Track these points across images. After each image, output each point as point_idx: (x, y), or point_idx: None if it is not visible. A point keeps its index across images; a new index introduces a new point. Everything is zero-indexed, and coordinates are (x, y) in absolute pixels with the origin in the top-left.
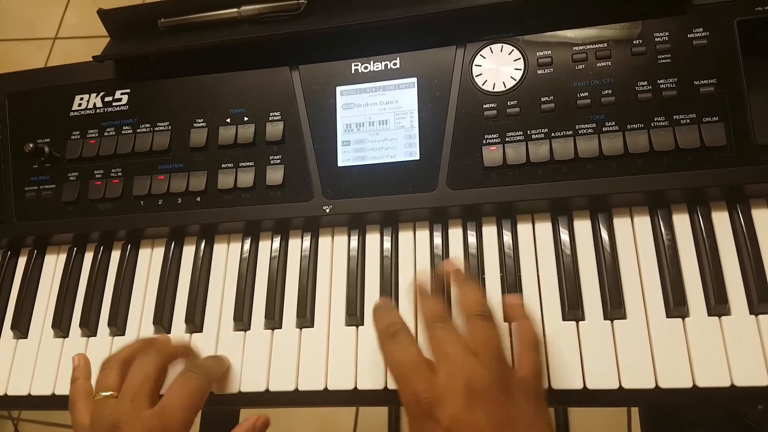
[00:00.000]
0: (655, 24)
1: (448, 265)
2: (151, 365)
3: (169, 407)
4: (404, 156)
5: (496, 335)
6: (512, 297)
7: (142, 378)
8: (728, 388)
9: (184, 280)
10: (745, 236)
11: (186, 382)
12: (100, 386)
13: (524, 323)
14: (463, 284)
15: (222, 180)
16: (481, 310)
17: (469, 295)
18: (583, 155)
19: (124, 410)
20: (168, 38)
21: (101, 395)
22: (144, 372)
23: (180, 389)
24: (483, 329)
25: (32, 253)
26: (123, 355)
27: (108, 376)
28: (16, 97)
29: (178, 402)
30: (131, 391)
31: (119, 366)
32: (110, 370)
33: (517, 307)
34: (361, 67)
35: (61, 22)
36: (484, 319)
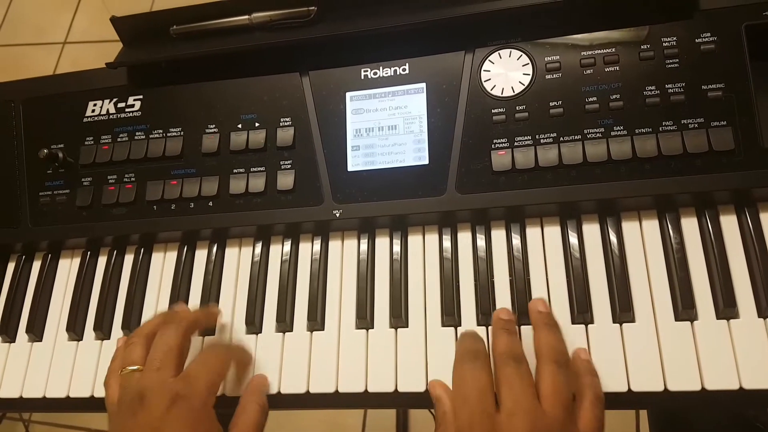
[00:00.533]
0: (663, 29)
1: (535, 304)
2: (173, 336)
3: (194, 371)
4: (413, 161)
5: (565, 383)
6: (583, 351)
7: (165, 348)
8: (737, 390)
9: (196, 283)
10: (754, 239)
11: (212, 349)
12: (126, 361)
13: (591, 379)
14: (545, 327)
15: (234, 185)
16: (557, 357)
17: (549, 339)
18: (592, 159)
19: (151, 379)
20: (180, 45)
21: (128, 370)
22: (167, 343)
23: (203, 356)
24: (554, 375)
25: (47, 257)
26: (146, 330)
27: (133, 351)
28: (31, 104)
29: (202, 366)
30: (156, 362)
31: (143, 341)
32: (135, 345)
33: (586, 363)
34: (371, 73)
35: (71, 27)
36: (558, 365)
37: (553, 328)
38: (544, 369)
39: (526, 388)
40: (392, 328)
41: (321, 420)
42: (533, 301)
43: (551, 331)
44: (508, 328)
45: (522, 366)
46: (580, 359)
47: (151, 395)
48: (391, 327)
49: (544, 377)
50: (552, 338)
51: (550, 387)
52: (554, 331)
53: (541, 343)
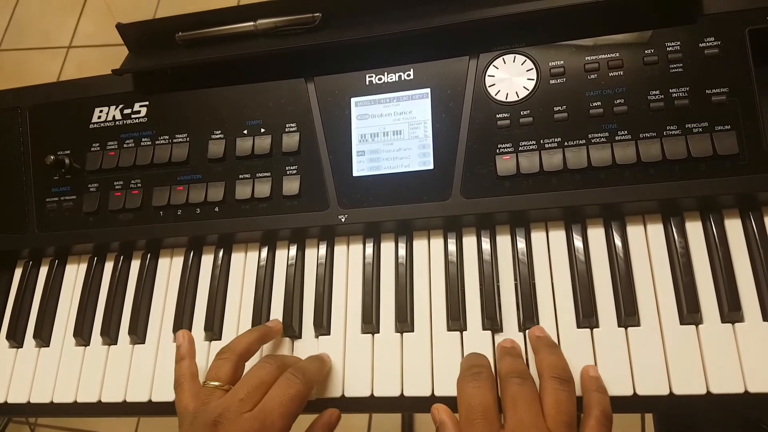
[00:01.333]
0: (667, 33)
1: (532, 332)
2: (269, 374)
3: (270, 412)
4: (418, 165)
5: (569, 400)
6: (592, 368)
7: (258, 382)
8: (742, 394)
9: (202, 288)
10: (758, 243)
11: (288, 388)
12: (212, 374)
13: (598, 396)
14: (545, 348)
15: (239, 190)
16: (561, 374)
17: (552, 358)
18: (596, 164)
19: (230, 407)
20: (186, 51)
21: (210, 384)
22: (261, 379)
23: (281, 395)
24: (558, 392)
25: (53, 263)
26: (240, 348)
27: (222, 366)
28: (37, 110)
29: (279, 409)
30: (242, 392)
31: (236, 359)
32: (226, 361)
33: (594, 380)
34: (376, 79)
35: (75, 31)
36: (562, 383)
37: (553, 348)
38: (546, 386)
39: (529, 406)
40: (398, 333)
41: None
42: (531, 330)
43: (551, 350)
44: (512, 351)
45: (526, 383)
46: (589, 376)
47: (227, 427)
48: (397, 331)
49: (547, 394)
50: (553, 357)
51: (553, 404)
52: (554, 351)
53: (542, 363)
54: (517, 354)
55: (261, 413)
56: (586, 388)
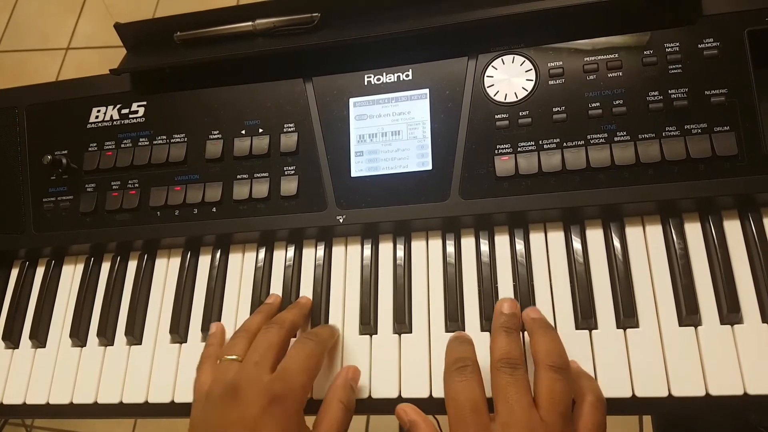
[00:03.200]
0: (666, 34)
1: (527, 312)
2: (275, 334)
3: (288, 370)
4: (417, 166)
5: (564, 389)
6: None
7: (267, 345)
8: (741, 396)
9: (200, 289)
10: (757, 245)
11: (303, 346)
12: (227, 350)
13: (589, 382)
14: (539, 331)
15: (237, 191)
16: (556, 362)
17: (548, 344)
18: (595, 165)
19: (247, 373)
20: (184, 51)
21: (226, 359)
22: (269, 339)
23: (298, 353)
24: (552, 381)
25: (50, 263)
26: (254, 326)
27: (237, 343)
28: (34, 110)
29: (297, 365)
30: (255, 356)
31: (249, 336)
32: (240, 338)
33: (579, 369)
34: (374, 79)
35: (74, 33)
36: (557, 371)
37: (548, 331)
38: (541, 375)
39: (521, 397)
40: (396, 334)
41: None
42: (525, 311)
43: (546, 333)
44: (508, 325)
45: (517, 372)
46: (577, 365)
47: (247, 390)
48: (395, 333)
49: (541, 384)
50: (548, 341)
51: (547, 394)
52: (550, 334)
53: (537, 348)
54: (513, 329)
55: (282, 371)
56: (577, 374)
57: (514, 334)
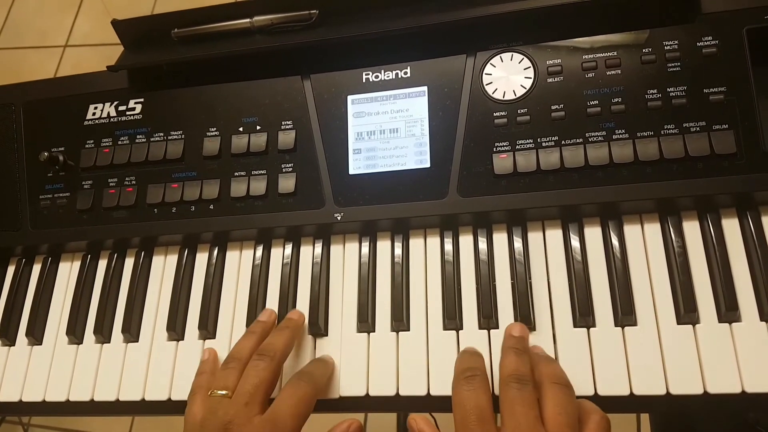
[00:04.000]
0: (665, 32)
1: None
2: (265, 370)
3: (280, 414)
4: (415, 164)
5: (572, 404)
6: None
7: (257, 382)
8: (739, 394)
9: (197, 287)
10: (756, 243)
11: (296, 390)
12: (219, 384)
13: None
14: (546, 360)
15: (235, 188)
16: (561, 381)
17: (554, 368)
18: (594, 163)
19: (238, 413)
20: (181, 48)
21: (217, 393)
22: (258, 376)
23: (290, 397)
24: (560, 395)
25: (47, 260)
26: (245, 355)
27: (228, 375)
28: (31, 107)
29: (289, 410)
30: (245, 396)
31: (240, 366)
32: (232, 370)
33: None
34: (372, 76)
35: (72, 30)
36: (563, 388)
37: (551, 360)
38: (547, 390)
39: (528, 411)
40: (394, 332)
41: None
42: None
43: (551, 362)
44: (518, 346)
45: (526, 388)
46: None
47: (236, 430)
48: (393, 330)
49: (549, 397)
50: (554, 366)
51: (553, 410)
52: (553, 362)
53: (543, 371)
54: (523, 350)
55: (272, 415)
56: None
57: (524, 356)
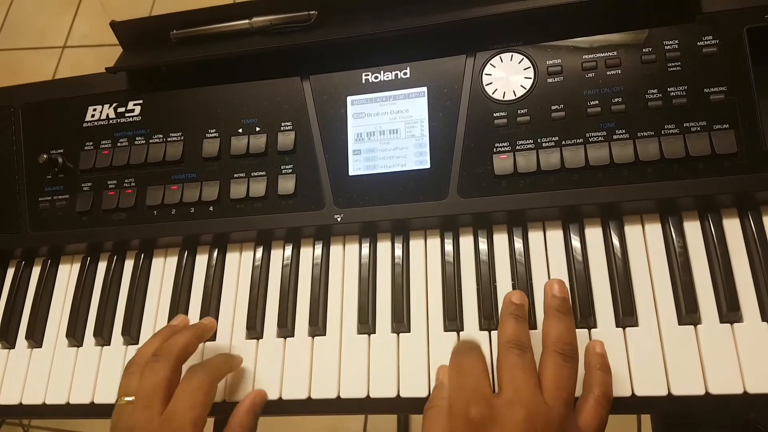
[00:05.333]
0: (665, 32)
1: (551, 285)
2: (161, 370)
3: (176, 409)
4: (415, 165)
5: (570, 376)
6: (599, 345)
7: (152, 384)
8: (741, 395)
9: (197, 288)
10: (757, 243)
11: (189, 381)
12: (122, 390)
13: (601, 375)
14: (556, 315)
15: (234, 190)
16: (565, 350)
17: (559, 328)
18: (594, 163)
19: (140, 417)
20: (180, 49)
21: (123, 400)
22: (155, 378)
23: (184, 390)
24: (558, 368)
25: (46, 263)
26: (143, 359)
27: (130, 381)
28: (30, 109)
29: (185, 402)
30: (144, 398)
31: (140, 370)
32: (132, 375)
33: (599, 357)
34: (372, 77)
35: (70, 31)
36: (565, 359)
37: (565, 317)
38: (548, 360)
39: (528, 378)
40: (394, 333)
41: (322, 424)
42: (549, 282)
43: (562, 320)
44: (518, 313)
45: (526, 355)
46: (595, 353)
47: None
48: (393, 332)
49: (548, 369)
50: (562, 327)
51: (553, 379)
52: (565, 321)
53: (549, 331)
54: (522, 317)
55: (170, 414)
56: (590, 365)
57: (523, 322)
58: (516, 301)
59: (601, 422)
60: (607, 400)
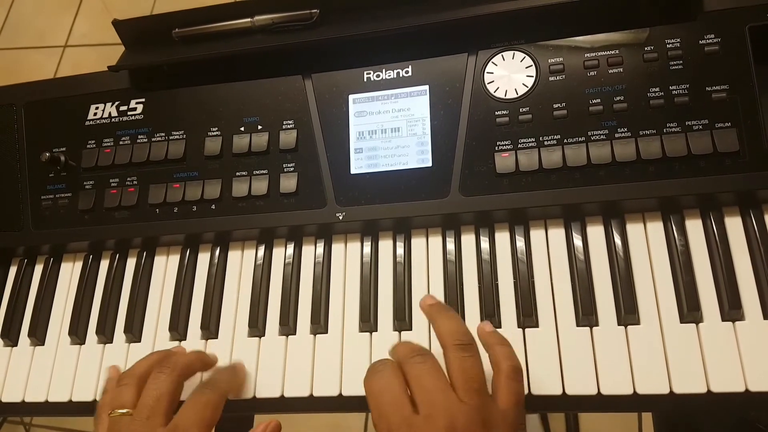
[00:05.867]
0: (667, 30)
1: (424, 300)
2: (165, 382)
3: (182, 424)
4: (417, 163)
5: (475, 365)
6: (487, 324)
7: (156, 395)
8: (743, 393)
9: (199, 287)
10: (759, 241)
11: (199, 397)
12: (116, 403)
13: (502, 350)
14: (439, 315)
15: (236, 188)
16: (459, 339)
17: (447, 325)
18: (596, 161)
19: (140, 428)
20: (182, 48)
21: (117, 413)
22: (159, 389)
23: (193, 405)
24: (461, 360)
25: (48, 261)
26: (139, 371)
27: (124, 392)
28: (33, 107)
29: (192, 418)
30: (146, 410)
31: (136, 382)
32: (127, 386)
33: (493, 333)
34: (373, 75)
35: (71, 30)
36: (463, 349)
37: (446, 312)
38: (449, 356)
39: (436, 382)
40: (396, 331)
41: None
42: (422, 300)
43: (444, 315)
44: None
45: (428, 360)
46: (486, 332)
47: None
48: (395, 330)
49: (452, 365)
50: (447, 322)
51: (460, 373)
52: (448, 315)
53: (441, 330)
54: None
55: (174, 427)
56: (488, 344)
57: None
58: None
59: (518, 395)
60: (516, 370)
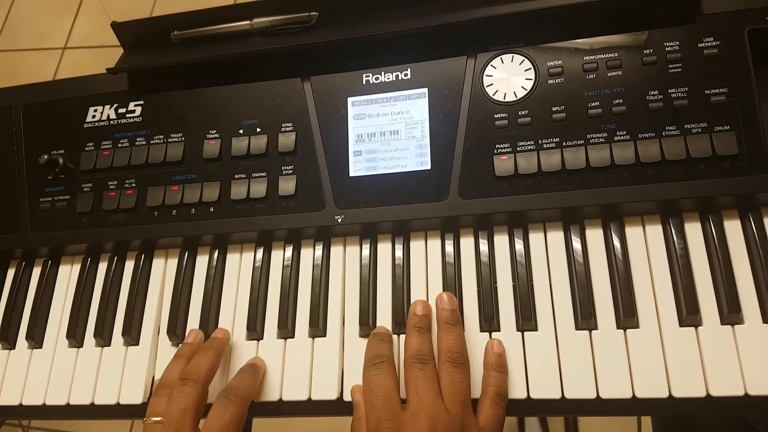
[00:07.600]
0: (666, 33)
1: (440, 300)
2: (190, 395)
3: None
4: (415, 166)
5: (462, 381)
6: (497, 345)
7: (183, 408)
8: (742, 397)
9: (197, 289)
10: (758, 244)
11: (224, 411)
12: (151, 411)
13: (496, 376)
14: (446, 327)
15: (235, 190)
16: (456, 358)
17: (450, 342)
18: (595, 164)
19: None
20: (181, 50)
21: (151, 420)
22: (185, 402)
23: (218, 420)
24: (452, 375)
25: (47, 263)
26: (172, 379)
27: (159, 402)
28: (31, 109)
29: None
30: (174, 422)
31: (169, 391)
32: (162, 397)
33: (497, 357)
34: (372, 78)
35: (71, 32)
36: (455, 365)
37: (453, 328)
38: (442, 369)
39: (429, 388)
40: (395, 335)
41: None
42: (439, 296)
43: (451, 330)
44: (420, 326)
45: (427, 367)
46: (492, 353)
47: None
48: (394, 333)
49: (443, 377)
50: (451, 338)
51: (449, 386)
52: (454, 331)
53: (441, 342)
54: (425, 328)
55: None
56: (487, 365)
57: (426, 333)
58: (419, 313)
59: (498, 419)
60: (502, 398)
